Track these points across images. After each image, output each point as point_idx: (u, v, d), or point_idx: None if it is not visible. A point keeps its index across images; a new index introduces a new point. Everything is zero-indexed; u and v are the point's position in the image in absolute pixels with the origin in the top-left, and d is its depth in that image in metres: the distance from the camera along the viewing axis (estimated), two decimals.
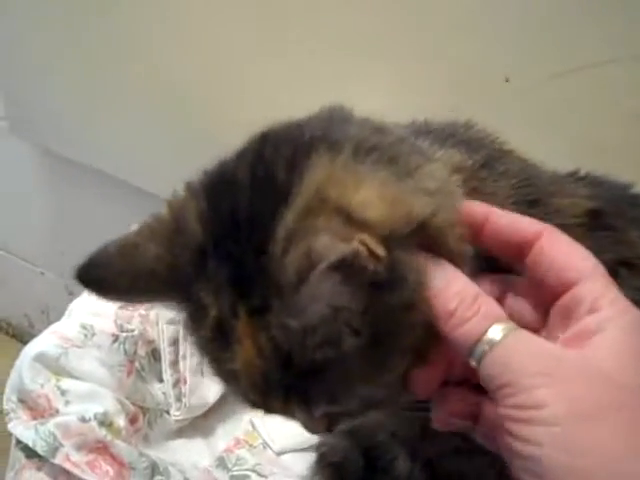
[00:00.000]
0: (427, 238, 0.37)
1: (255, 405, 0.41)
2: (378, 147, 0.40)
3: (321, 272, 0.33)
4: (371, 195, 0.36)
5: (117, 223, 0.96)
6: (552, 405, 0.33)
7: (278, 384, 0.38)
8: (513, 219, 0.41)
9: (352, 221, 0.35)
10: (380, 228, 0.35)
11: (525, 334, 0.36)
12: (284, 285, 0.35)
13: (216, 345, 0.39)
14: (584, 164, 0.55)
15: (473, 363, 0.36)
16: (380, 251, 0.34)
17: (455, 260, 0.39)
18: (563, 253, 0.39)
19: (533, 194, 0.46)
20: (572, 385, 0.34)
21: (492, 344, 0.36)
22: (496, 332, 0.36)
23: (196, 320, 0.40)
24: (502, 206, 0.43)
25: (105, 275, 0.41)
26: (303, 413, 0.40)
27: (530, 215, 0.44)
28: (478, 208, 0.41)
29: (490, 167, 0.46)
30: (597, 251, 0.46)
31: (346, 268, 0.34)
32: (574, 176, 0.53)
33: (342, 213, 0.35)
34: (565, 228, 0.45)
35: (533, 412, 0.34)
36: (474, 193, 0.43)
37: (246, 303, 0.37)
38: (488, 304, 0.37)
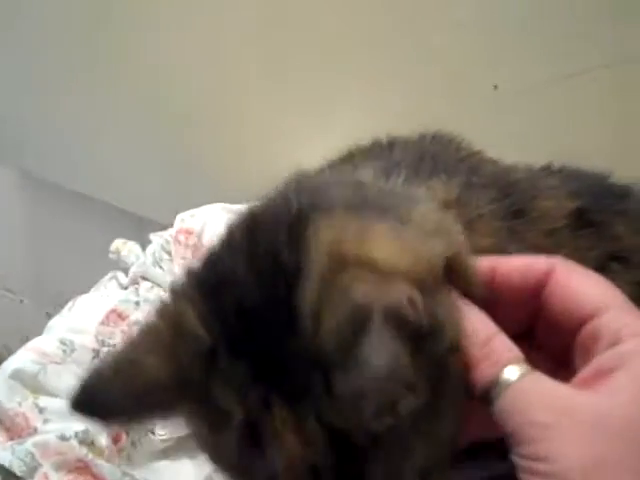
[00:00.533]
0: (446, 276, 0.36)
1: None
2: (367, 201, 0.38)
3: (378, 323, 0.30)
4: (390, 243, 0.35)
5: (98, 248, 0.95)
6: (560, 460, 0.31)
7: (330, 475, 0.35)
8: (520, 260, 0.39)
9: (381, 271, 0.33)
10: (412, 274, 0.33)
11: (538, 377, 0.34)
12: (330, 355, 0.32)
13: (246, 453, 0.36)
14: None
15: (489, 406, 0.35)
16: (419, 299, 0.32)
17: (471, 295, 0.37)
18: (579, 284, 0.37)
19: (516, 204, 0.45)
20: (579, 439, 0.32)
21: (503, 388, 0.34)
22: (509, 375, 0.34)
23: (217, 429, 0.37)
24: (490, 225, 0.42)
25: (106, 400, 0.37)
26: None
27: (516, 225, 0.44)
28: (482, 262, 0.39)
29: (470, 185, 0.45)
30: (585, 249, 0.45)
31: (393, 319, 0.31)
32: (548, 170, 0.52)
33: (367, 265, 0.33)
34: (553, 232, 0.44)
35: (544, 465, 0.32)
36: (468, 223, 0.42)
37: (281, 393, 0.35)
38: (502, 343, 0.35)
